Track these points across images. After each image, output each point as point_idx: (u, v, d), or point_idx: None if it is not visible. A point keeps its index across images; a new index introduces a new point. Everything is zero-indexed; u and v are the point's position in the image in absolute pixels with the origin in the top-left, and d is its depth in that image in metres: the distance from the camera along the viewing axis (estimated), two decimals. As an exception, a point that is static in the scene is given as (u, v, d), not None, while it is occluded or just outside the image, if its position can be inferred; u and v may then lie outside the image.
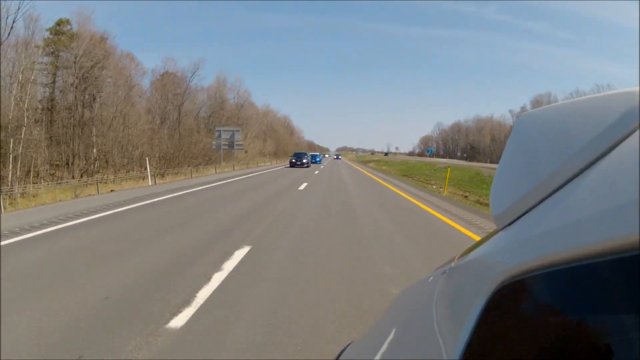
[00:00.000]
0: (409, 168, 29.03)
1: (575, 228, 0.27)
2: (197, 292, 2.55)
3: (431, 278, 0.65)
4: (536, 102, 58.56)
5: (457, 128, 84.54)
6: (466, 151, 71.41)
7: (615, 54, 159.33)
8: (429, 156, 64.14)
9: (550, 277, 0.28)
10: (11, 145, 11.59)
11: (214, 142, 21.15)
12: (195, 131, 24.54)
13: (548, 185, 0.34)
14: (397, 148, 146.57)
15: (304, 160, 27.90)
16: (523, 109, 62.06)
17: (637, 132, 0.28)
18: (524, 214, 0.36)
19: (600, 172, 0.29)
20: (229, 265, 3.17)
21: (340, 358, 0.81)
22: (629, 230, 0.22)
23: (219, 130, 21.28)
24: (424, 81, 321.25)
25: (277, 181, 13.25)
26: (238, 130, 22.24)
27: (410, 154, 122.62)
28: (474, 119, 78.75)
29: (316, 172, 19.52)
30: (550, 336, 0.27)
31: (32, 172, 12.99)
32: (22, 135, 12.06)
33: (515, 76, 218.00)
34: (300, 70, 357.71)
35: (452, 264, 0.57)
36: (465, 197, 10.76)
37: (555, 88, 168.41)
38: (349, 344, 0.88)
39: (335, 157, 78.83)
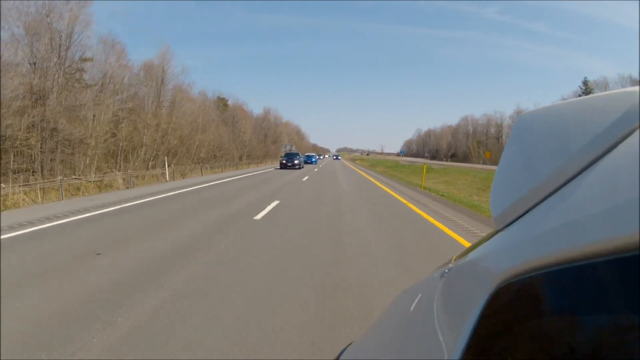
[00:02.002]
0: (377, 162, 54.13)
1: (576, 228, 0.26)
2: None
3: (431, 278, 0.66)
4: (464, 120, 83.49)
5: (429, 134, 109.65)
6: (432, 152, 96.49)
7: (615, 54, 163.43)
8: (402, 156, 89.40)
9: (550, 277, 0.28)
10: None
11: (282, 149, 46.01)
12: (267, 143, 49.67)
13: (548, 185, 0.34)
14: (381, 148, 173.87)
15: (296, 162, 25.61)
16: (458, 124, 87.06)
17: (637, 131, 0.28)
18: (524, 214, 0.36)
19: (600, 172, 0.28)
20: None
21: (341, 358, 0.81)
22: (629, 230, 0.22)
23: (285, 145, 46.66)
24: (422, 82, 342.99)
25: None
26: (292, 145, 47.58)
27: (398, 154, 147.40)
28: (442, 126, 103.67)
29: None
30: (549, 336, 0.27)
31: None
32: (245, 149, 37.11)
33: (515, 77, 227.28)
34: (301, 71, 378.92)
35: (451, 265, 0.58)
36: (373, 166, 35.78)
37: (554, 89, 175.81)
38: (349, 344, 0.88)
39: (334, 157, 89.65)
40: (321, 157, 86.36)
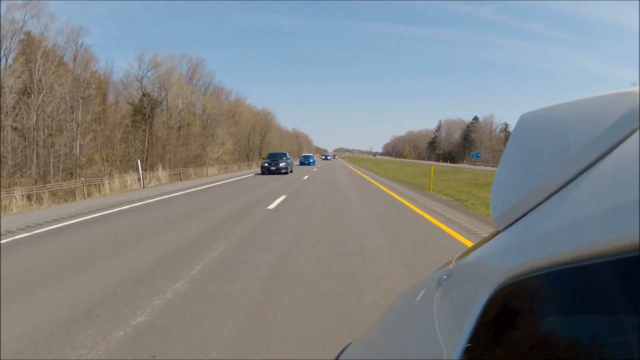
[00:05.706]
0: (356, 158, 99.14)
1: (576, 229, 0.27)
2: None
3: (431, 278, 0.66)
4: (409, 132, 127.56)
5: (398, 139, 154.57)
6: (399, 153, 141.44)
7: (612, 55, 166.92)
8: (376, 155, 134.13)
9: (550, 278, 0.28)
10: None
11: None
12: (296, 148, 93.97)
13: (549, 186, 0.34)
14: (370, 148, 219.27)
15: (281, 164, 18.93)
16: (405, 134, 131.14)
17: (637, 132, 0.28)
18: (524, 215, 0.37)
19: (600, 173, 0.29)
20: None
21: (341, 358, 0.81)
22: (630, 231, 0.22)
23: (309, 151, 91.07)
24: (415, 82, 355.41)
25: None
26: (311, 151, 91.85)
27: (375, 154, 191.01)
28: (406, 133, 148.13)
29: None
30: (550, 337, 0.27)
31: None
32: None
33: (514, 77, 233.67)
34: (296, 72, 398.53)
35: (452, 265, 0.59)
36: (352, 161, 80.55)
37: (553, 89, 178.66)
38: (349, 344, 0.89)
39: (326, 157, 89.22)
40: (325, 157, 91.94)
